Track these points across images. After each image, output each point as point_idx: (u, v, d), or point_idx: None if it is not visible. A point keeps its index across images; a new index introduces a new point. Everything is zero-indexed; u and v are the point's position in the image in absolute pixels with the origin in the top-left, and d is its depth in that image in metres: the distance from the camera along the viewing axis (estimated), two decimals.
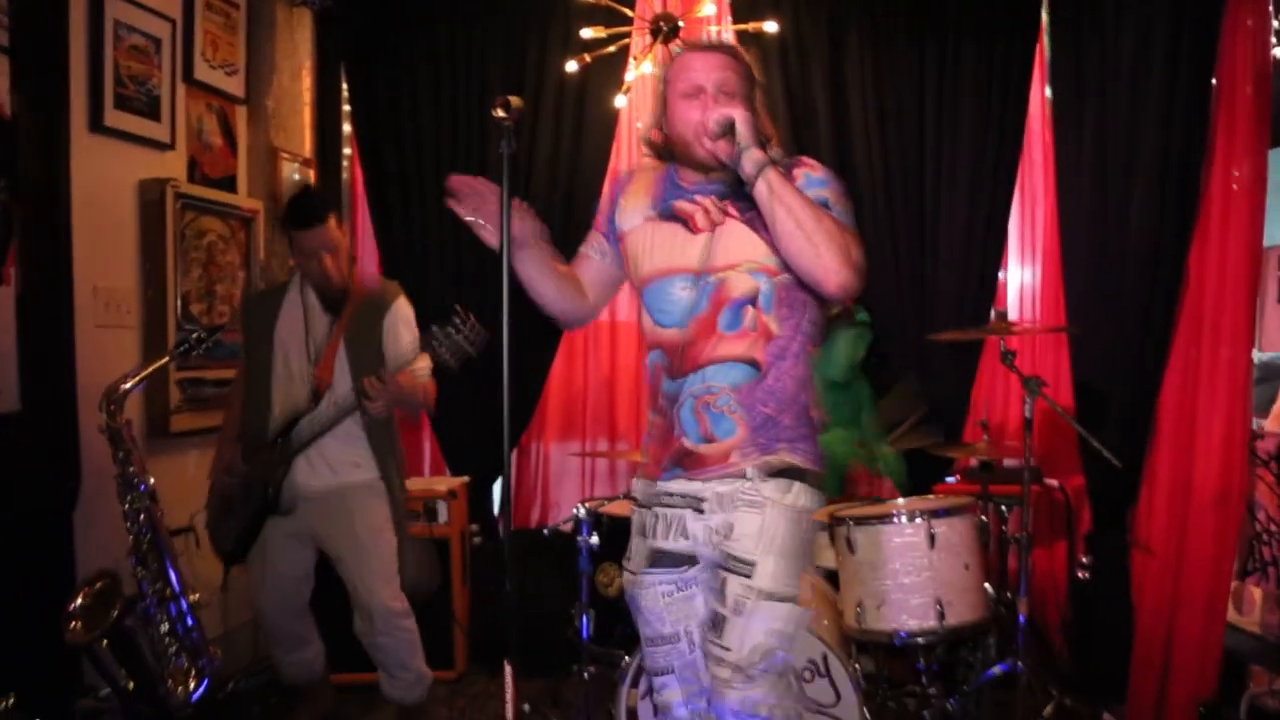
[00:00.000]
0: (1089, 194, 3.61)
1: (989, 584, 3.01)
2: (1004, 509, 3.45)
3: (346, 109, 4.26)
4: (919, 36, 3.84)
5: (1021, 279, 4.10)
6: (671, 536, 2.02)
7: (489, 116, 4.46)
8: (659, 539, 2.04)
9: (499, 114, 1.96)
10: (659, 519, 2.05)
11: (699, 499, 1.98)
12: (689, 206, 2.03)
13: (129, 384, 2.69)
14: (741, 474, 1.94)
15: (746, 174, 1.86)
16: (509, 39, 4.06)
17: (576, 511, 3.18)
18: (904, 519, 2.78)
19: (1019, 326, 3.71)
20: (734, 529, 1.93)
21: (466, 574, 3.98)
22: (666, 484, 2.03)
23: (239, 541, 3.08)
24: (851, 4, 3.89)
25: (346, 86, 4.23)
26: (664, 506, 2.04)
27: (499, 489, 4.37)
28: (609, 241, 2.18)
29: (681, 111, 2.00)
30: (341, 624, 3.14)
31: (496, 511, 4.30)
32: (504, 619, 1.98)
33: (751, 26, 3.73)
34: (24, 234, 2.82)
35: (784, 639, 1.92)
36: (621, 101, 3.93)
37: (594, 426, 4.41)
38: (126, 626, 2.51)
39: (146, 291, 3.36)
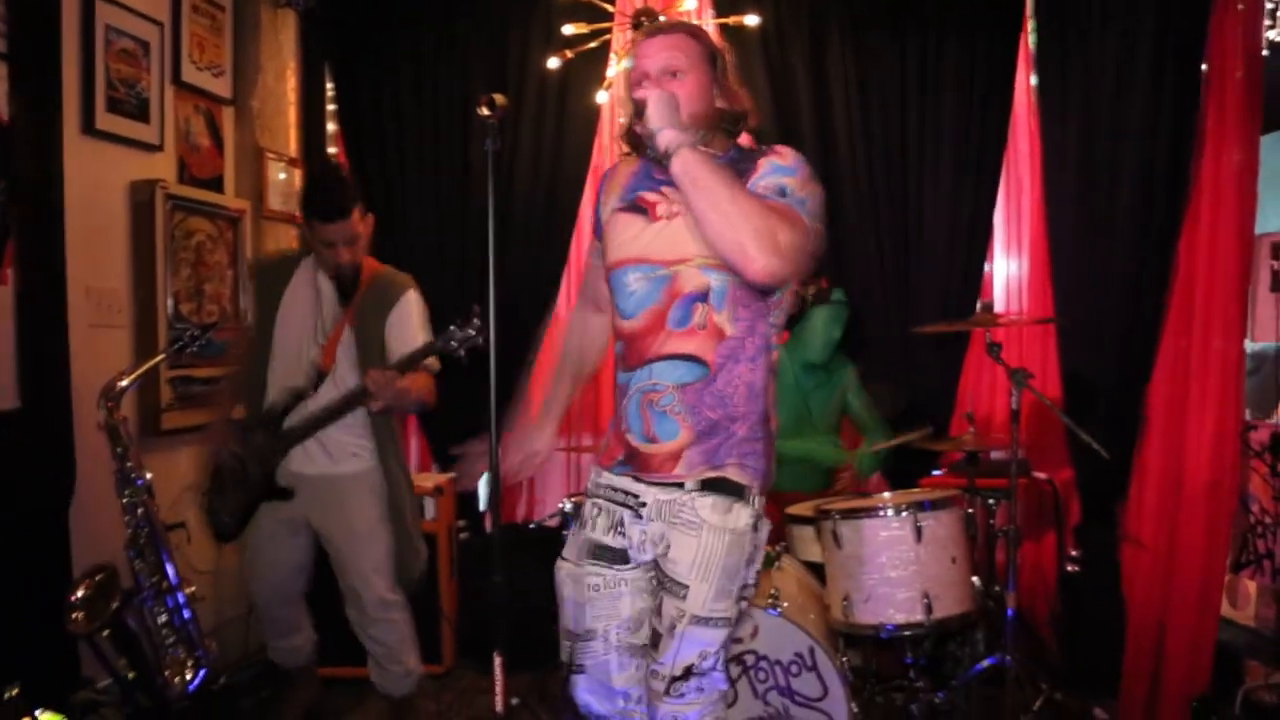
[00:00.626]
0: (1076, 184, 3.61)
1: (976, 577, 3.02)
2: (991, 502, 3.43)
3: (331, 109, 4.27)
4: (900, 30, 3.85)
5: (1008, 271, 4.10)
6: (610, 533, 1.98)
7: (472, 115, 4.50)
8: (597, 532, 2.01)
9: (483, 112, 1.97)
10: (600, 511, 2.01)
11: (641, 501, 1.94)
12: (652, 195, 1.96)
13: (126, 381, 2.68)
14: (680, 484, 1.88)
15: (662, 156, 1.80)
16: (491, 37, 4.08)
17: (562, 506, 3.18)
18: (890, 513, 2.79)
19: (1005, 318, 3.71)
20: (671, 549, 1.88)
21: (454, 569, 3.98)
22: (612, 477, 1.99)
23: (234, 520, 3.03)
24: None
25: (331, 87, 4.24)
26: (605, 500, 2.00)
27: (484, 484, 4.37)
28: (600, 240, 2.13)
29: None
30: (335, 615, 3.12)
31: (482, 507, 4.32)
32: (493, 613, 1.99)
33: (733, 20, 3.74)
34: (21, 235, 2.84)
35: (715, 660, 1.89)
36: (603, 97, 3.94)
37: (579, 421, 4.40)
38: (126, 618, 2.52)
39: (137, 291, 3.37)
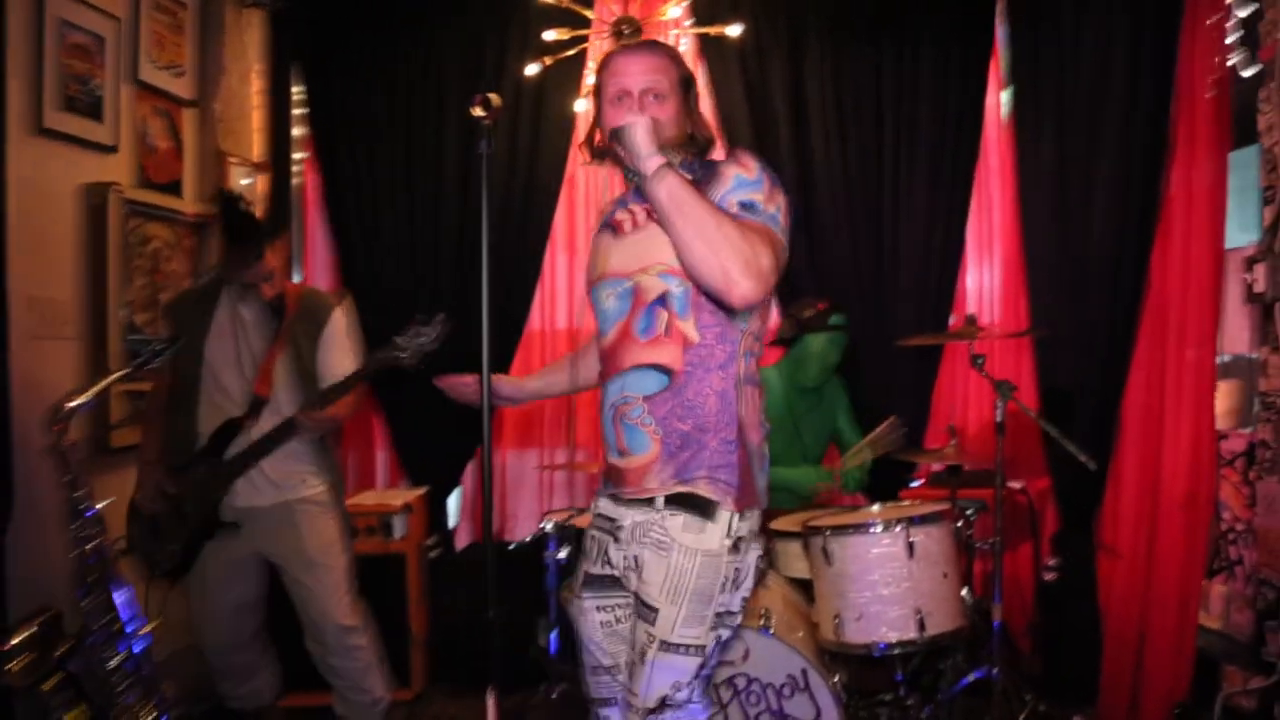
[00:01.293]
0: (1050, 198, 3.63)
1: (965, 591, 3.00)
2: (969, 513, 3.42)
3: (298, 113, 4.13)
4: (878, 43, 3.84)
5: (980, 283, 4.11)
6: (598, 562, 1.99)
7: (447, 120, 4.39)
8: (589, 563, 2.02)
9: (478, 112, 1.89)
10: (592, 541, 2.02)
11: (619, 524, 1.93)
12: (621, 214, 2.00)
13: (77, 401, 2.44)
14: (650, 501, 1.87)
15: (643, 181, 1.79)
16: (467, 40, 3.99)
17: (544, 527, 3.10)
18: (880, 528, 2.75)
19: (990, 331, 3.71)
20: (642, 570, 1.86)
21: (424, 589, 3.87)
22: (599, 505, 2.01)
23: (174, 562, 2.91)
24: (810, 9, 3.88)
25: (301, 89, 4.10)
26: (596, 529, 2.02)
27: (455, 502, 4.27)
28: None
29: (610, 117, 1.95)
30: (295, 642, 3.02)
31: (451, 524, 4.21)
32: (488, 646, 1.92)
33: (714, 30, 3.69)
34: None
35: (690, 691, 1.85)
36: (582, 105, 3.87)
37: (552, 435, 4.32)
38: (71, 666, 2.34)
39: (88, 301, 3.21)
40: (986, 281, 4.09)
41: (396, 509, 3.74)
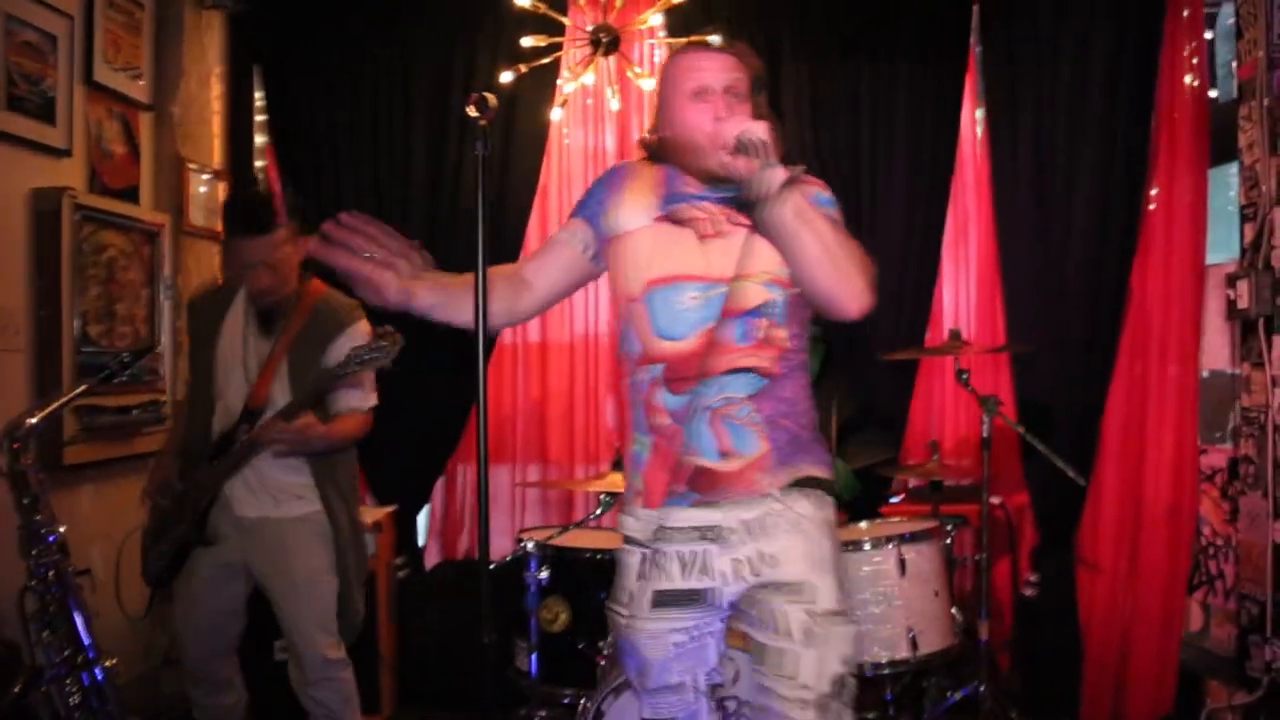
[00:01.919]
0: (1029, 213, 3.62)
1: (955, 609, 2.95)
2: (950, 529, 3.39)
3: (260, 119, 4.01)
4: (853, 57, 3.81)
5: (956, 297, 4.09)
6: (690, 575, 1.86)
7: (415, 126, 4.27)
8: (668, 580, 1.87)
9: (473, 112, 1.77)
10: (667, 558, 1.88)
11: (722, 529, 1.84)
12: (697, 213, 1.90)
13: (36, 418, 2.29)
14: (765, 496, 1.83)
15: (766, 193, 1.66)
16: (434, 44, 3.89)
17: (524, 545, 3.00)
18: (870, 546, 2.70)
19: (974, 346, 3.69)
20: (777, 556, 1.82)
21: (393, 610, 3.74)
22: (674, 517, 1.87)
23: (167, 567, 2.79)
24: (785, 23, 3.84)
25: (262, 93, 3.98)
26: (672, 543, 1.88)
27: (424, 520, 4.15)
28: (595, 237, 1.99)
29: (689, 115, 1.87)
30: (266, 670, 2.92)
31: (421, 542, 4.09)
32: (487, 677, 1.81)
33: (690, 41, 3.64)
34: None
35: (853, 664, 1.81)
36: (558, 114, 3.79)
37: (524, 451, 4.23)
38: (30, 704, 2.19)
39: (39, 311, 3.05)
40: (963, 295, 4.08)
41: (365, 528, 3.60)
